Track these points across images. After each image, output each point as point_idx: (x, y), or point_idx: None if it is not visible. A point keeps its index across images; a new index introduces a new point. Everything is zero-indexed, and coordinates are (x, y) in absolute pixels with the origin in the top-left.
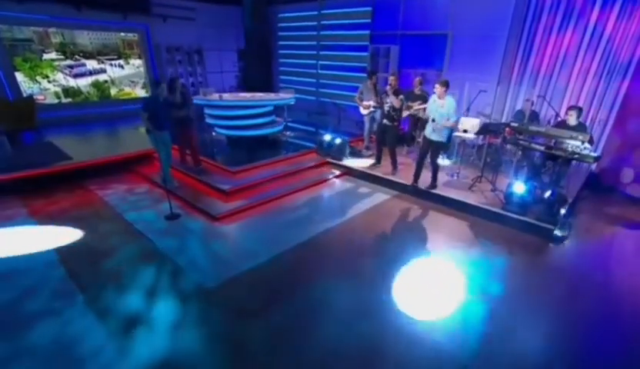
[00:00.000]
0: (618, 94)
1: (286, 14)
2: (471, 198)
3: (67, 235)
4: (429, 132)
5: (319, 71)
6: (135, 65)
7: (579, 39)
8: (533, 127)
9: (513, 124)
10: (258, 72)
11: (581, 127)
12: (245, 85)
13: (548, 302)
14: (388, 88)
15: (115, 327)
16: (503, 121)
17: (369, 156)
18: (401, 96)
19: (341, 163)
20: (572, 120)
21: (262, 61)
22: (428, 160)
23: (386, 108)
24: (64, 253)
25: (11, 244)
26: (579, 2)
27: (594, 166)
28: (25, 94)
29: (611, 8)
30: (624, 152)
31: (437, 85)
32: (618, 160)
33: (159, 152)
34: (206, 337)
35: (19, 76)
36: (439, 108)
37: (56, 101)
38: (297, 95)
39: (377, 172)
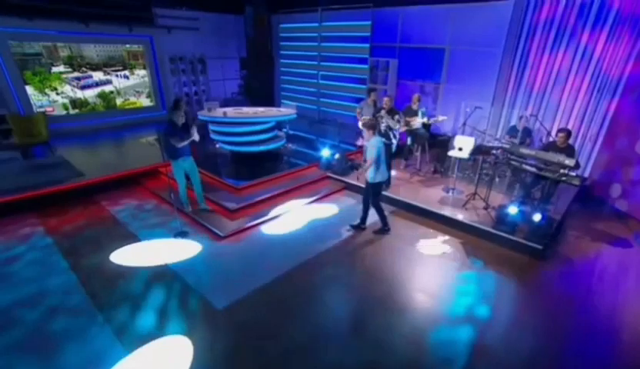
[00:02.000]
0: (608, 111)
1: (288, 25)
2: (464, 216)
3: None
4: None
5: (320, 81)
6: (140, 75)
7: (571, 58)
8: (524, 150)
9: (505, 145)
10: (259, 81)
11: (569, 150)
12: (247, 94)
13: (533, 320)
14: (382, 112)
15: (131, 347)
16: (498, 135)
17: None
18: (397, 116)
19: (340, 178)
20: (561, 142)
21: (264, 69)
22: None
23: (382, 127)
24: (83, 273)
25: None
26: (571, 23)
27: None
28: (35, 107)
29: (601, 30)
30: (613, 167)
31: (364, 128)
32: (607, 174)
33: (176, 178)
34: (218, 357)
35: (29, 89)
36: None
37: (64, 112)
38: (298, 104)
39: None
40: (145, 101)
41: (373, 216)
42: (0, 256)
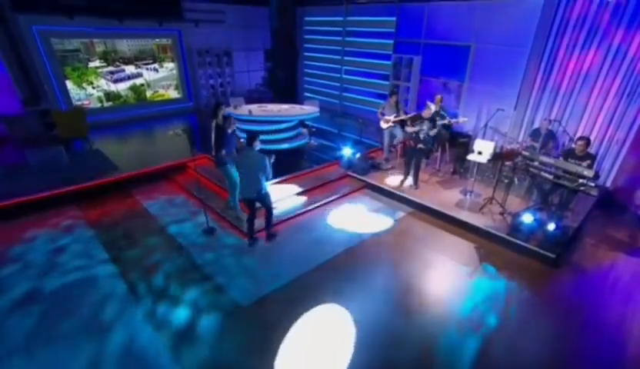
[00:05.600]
0: (638, 115)
1: (312, 18)
2: (480, 221)
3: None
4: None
5: (343, 76)
6: (169, 68)
7: (602, 58)
8: (543, 158)
9: (524, 153)
10: (284, 73)
11: (588, 158)
12: (271, 86)
13: (542, 330)
14: (426, 112)
15: (166, 337)
16: (520, 138)
17: (388, 169)
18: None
19: (361, 177)
20: (580, 150)
21: (288, 62)
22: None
23: (422, 135)
24: (124, 265)
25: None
26: (604, 21)
27: (608, 183)
28: (74, 101)
29: (637, 29)
30: (638, 174)
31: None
32: (632, 181)
33: (230, 181)
34: (241, 350)
35: (68, 84)
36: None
37: (99, 105)
38: (320, 97)
39: (393, 188)
40: (172, 93)
41: (391, 218)
42: (48, 247)
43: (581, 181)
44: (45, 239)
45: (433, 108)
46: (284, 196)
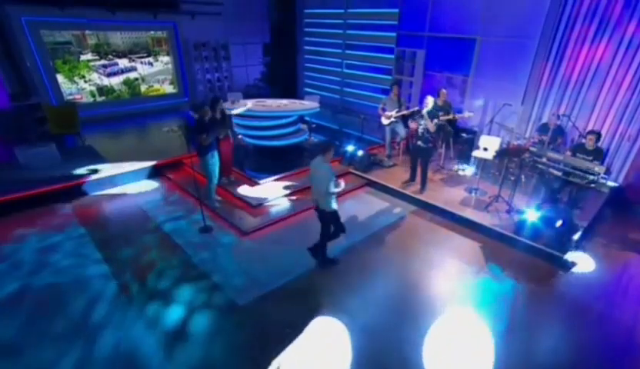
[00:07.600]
0: None
1: (312, 10)
2: (485, 219)
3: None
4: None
5: (344, 70)
6: (164, 62)
7: (614, 51)
8: (552, 154)
9: (532, 148)
10: (283, 67)
11: (598, 153)
12: (270, 80)
13: (549, 332)
14: (424, 111)
15: (160, 337)
16: (527, 134)
17: (391, 166)
18: (436, 120)
19: (362, 174)
20: (590, 144)
21: (288, 55)
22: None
23: (420, 130)
24: (117, 265)
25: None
26: (616, 13)
27: (620, 180)
28: (65, 96)
29: None
30: None
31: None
32: None
33: (208, 173)
34: (236, 350)
35: (59, 78)
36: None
37: (91, 99)
38: (321, 92)
39: (396, 186)
40: (168, 88)
41: (393, 216)
42: (39, 245)
43: (591, 177)
44: (35, 238)
45: (431, 102)
46: (283, 194)
